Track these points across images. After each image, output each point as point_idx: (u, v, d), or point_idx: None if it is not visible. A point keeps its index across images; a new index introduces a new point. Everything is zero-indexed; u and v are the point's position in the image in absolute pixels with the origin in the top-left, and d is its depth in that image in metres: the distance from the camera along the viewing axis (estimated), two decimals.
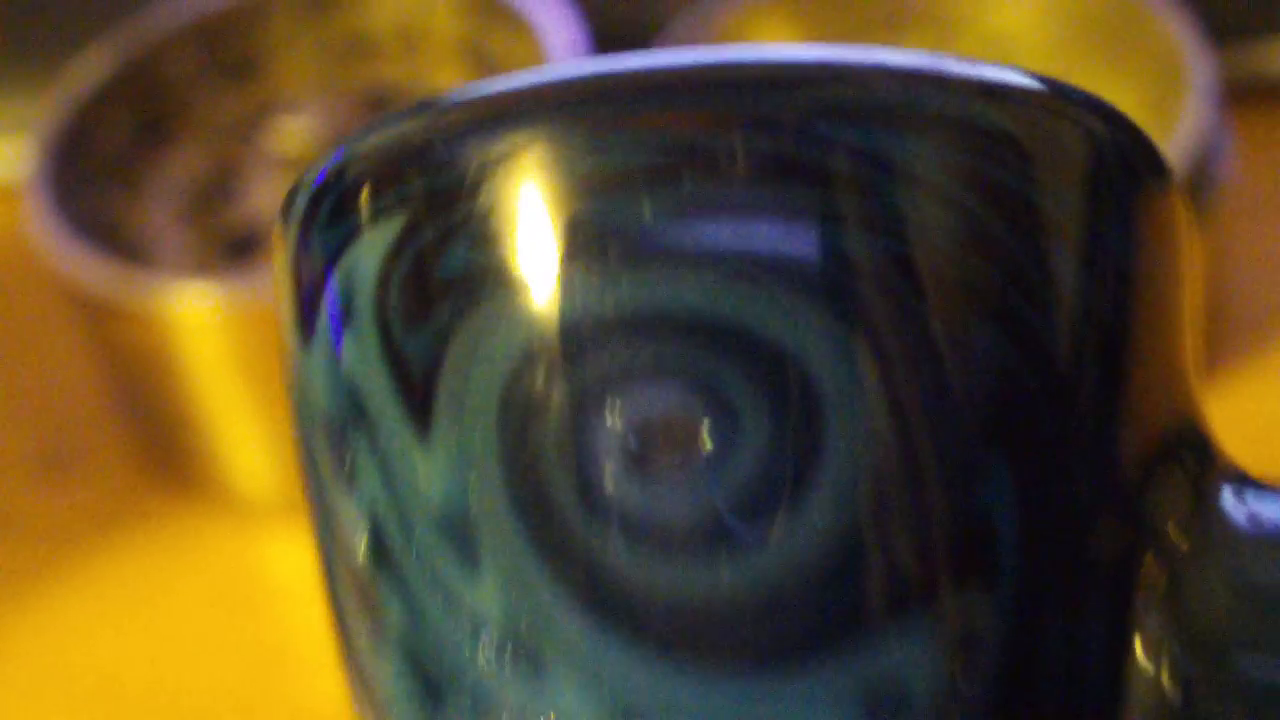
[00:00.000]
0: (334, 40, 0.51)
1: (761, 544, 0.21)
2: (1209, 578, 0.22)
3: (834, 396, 0.21)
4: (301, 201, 0.23)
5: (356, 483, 0.23)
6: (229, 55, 0.51)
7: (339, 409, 0.23)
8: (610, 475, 0.21)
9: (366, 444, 0.22)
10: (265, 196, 0.49)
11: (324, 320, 0.23)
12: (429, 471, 0.22)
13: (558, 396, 0.21)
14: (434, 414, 0.22)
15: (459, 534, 0.22)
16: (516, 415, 0.21)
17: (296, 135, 0.50)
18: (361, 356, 0.22)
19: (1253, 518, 0.23)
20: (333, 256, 0.23)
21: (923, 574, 0.21)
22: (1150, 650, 0.22)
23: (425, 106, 0.23)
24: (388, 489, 0.22)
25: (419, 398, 0.22)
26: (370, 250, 0.22)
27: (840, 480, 0.21)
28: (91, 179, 0.48)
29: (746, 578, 0.21)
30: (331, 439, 0.23)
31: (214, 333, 0.43)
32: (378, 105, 0.51)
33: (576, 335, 0.21)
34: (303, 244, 0.23)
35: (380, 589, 0.23)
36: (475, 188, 0.22)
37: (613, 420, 0.21)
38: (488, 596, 0.22)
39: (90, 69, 0.49)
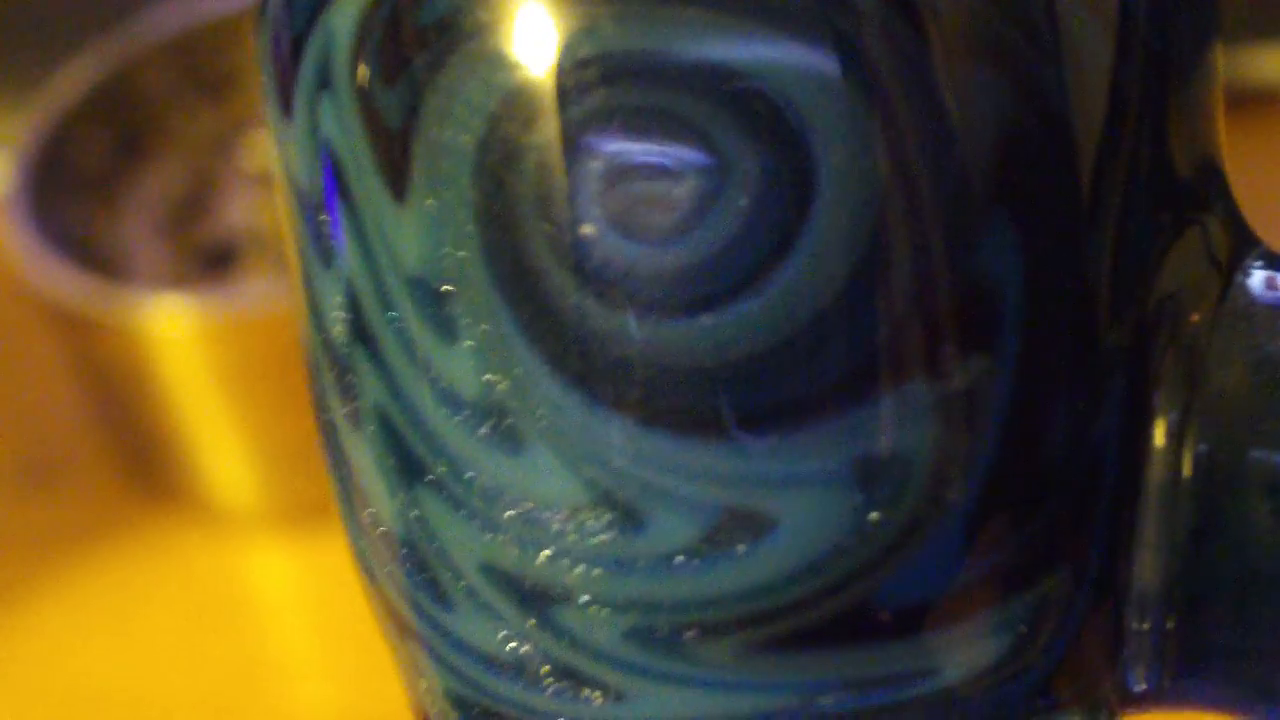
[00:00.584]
0: None
1: (747, 299, 0.20)
2: (1230, 352, 0.21)
3: (826, 142, 0.20)
4: None
5: (335, 257, 0.22)
6: (206, 72, 0.51)
7: (318, 181, 0.22)
8: (590, 228, 0.20)
9: (345, 214, 0.21)
10: (242, 212, 0.49)
11: (302, 88, 0.22)
12: (405, 235, 0.21)
13: (535, 144, 0.20)
14: (410, 173, 0.21)
15: (435, 300, 0.21)
16: (493, 167, 0.20)
17: None
18: (339, 122, 0.21)
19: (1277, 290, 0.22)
20: (309, 19, 0.22)
21: (920, 335, 0.20)
22: (1170, 430, 0.21)
23: None
24: (365, 258, 0.21)
25: (396, 157, 0.21)
26: (346, 6, 0.21)
27: (830, 232, 0.20)
28: (69, 194, 0.48)
29: (731, 335, 0.20)
30: (309, 216, 0.22)
31: (191, 346, 0.43)
32: None
33: (556, 78, 0.20)
34: (282, 11, 0.22)
35: (359, 364, 0.22)
36: None
37: (592, 169, 0.20)
38: (464, 364, 0.21)
39: (68, 86, 0.49)
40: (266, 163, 0.50)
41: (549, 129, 0.20)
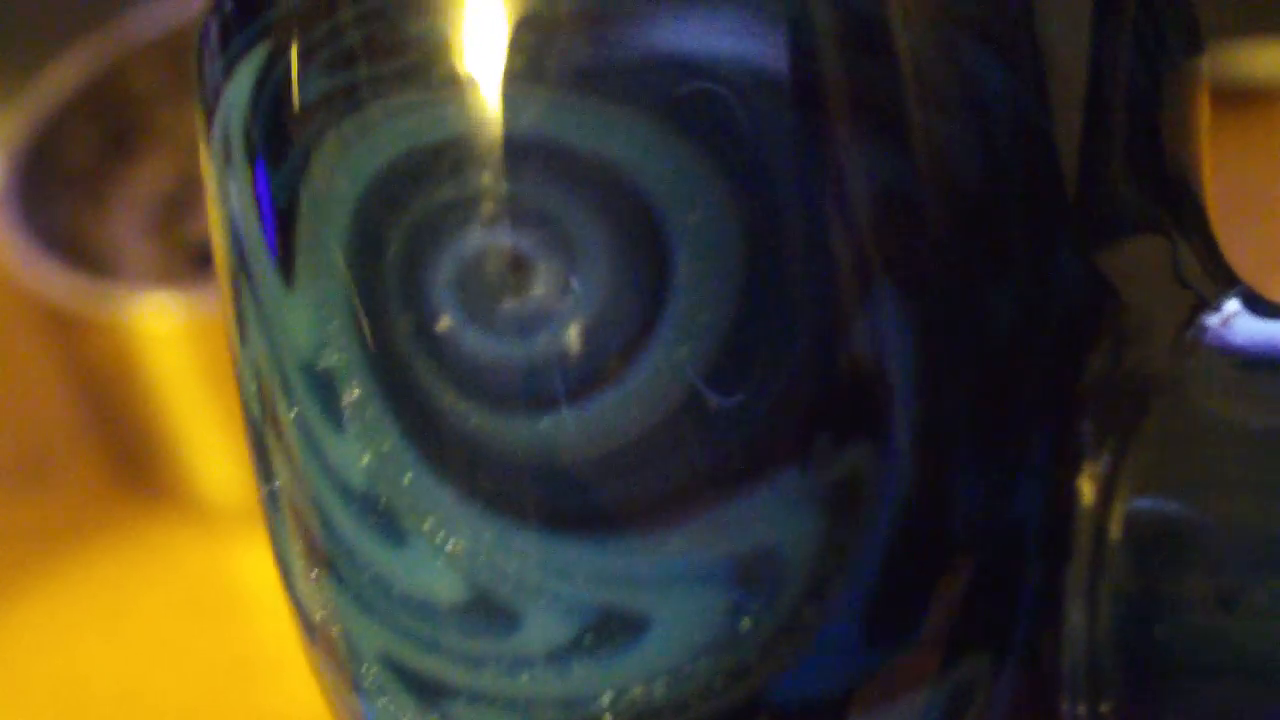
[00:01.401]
0: None
1: (605, 392, 0.19)
2: (1182, 408, 0.20)
3: (680, 226, 0.18)
4: (206, 29, 0.21)
5: (245, 334, 0.21)
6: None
7: (231, 255, 0.21)
8: (447, 320, 0.19)
9: (249, 293, 0.21)
10: None
11: (215, 159, 0.22)
12: (296, 321, 0.20)
13: (395, 235, 0.19)
14: (296, 259, 0.20)
15: (325, 388, 0.20)
16: (361, 257, 0.20)
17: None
18: (240, 200, 0.21)
19: (1258, 339, 0.20)
20: (216, 93, 0.21)
21: (792, 423, 0.19)
22: (1101, 490, 0.19)
23: None
24: (266, 338, 0.21)
25: (284, 242, 0.20)
26: (241, 83, 0.21)
27: (688, 320, 0.18)
28: (58, 191, 0.48)
29: (590, 430, 0.19)
30: (230, 288, 0.21)
31: (180, 343, 0.43)
32: None
33: (409, 166, 0.19)
34: (201, 80, 0.22)
35: (270, 445, 0.21)
36: (333, 4, 0.20)
37: (446, 260, 0.19)
38: (352, 454, 0.20)
39: (57, 83, 0.49)
40: None
41: (406, 218, 0.19)
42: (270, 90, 0.20)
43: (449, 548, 0.20)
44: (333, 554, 0.21)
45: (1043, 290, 0.20)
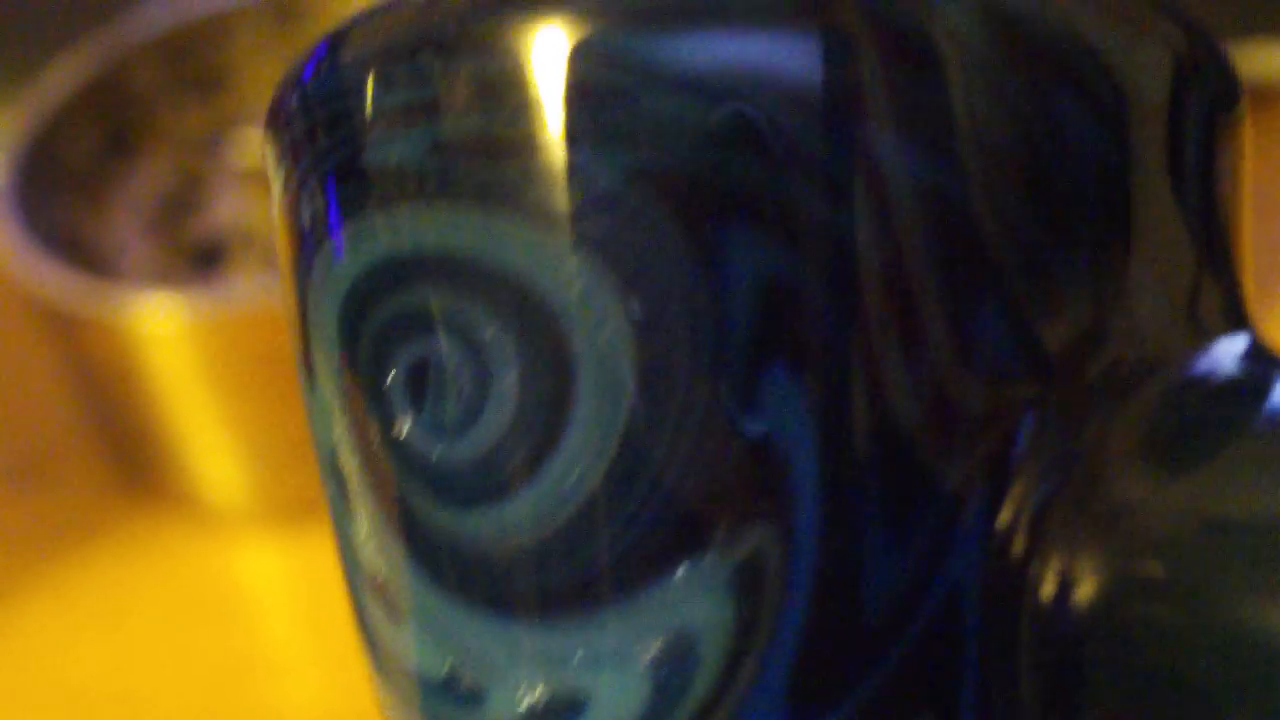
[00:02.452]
0: (298, 53, 0.51)
1: (525, 488, 0.20)
2: (1154, 470, 0.19)
3: (577, 326, 0.20)
4: (284, 101, 0.23)
5: (311, 420, 0.23)
6: (194, 69, 0.51)
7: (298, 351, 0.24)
8: (401, 421, 0.21)
9: (306, 383, 0.23)
10: (230, 209, 0.49)
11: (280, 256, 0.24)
12: (316, 418, 0.22)
13: (365, 342, 0.21)
14: (314, 368, 0.22)
15: (340, 480, 0.22)
16: (346, 361, 0.22)
17: (261, 148, 0.50)
18: (286, 306, 0.23)
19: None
20: (272, 193, 0.23)
21: (692, 513, 0.20)
22: (1051, 561, 0.19)
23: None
24: (310, 425, 0.23)
25: (303, 349, 0.22)
26: (277, 199, 0.23)
27: (592, 419, 0.20)
28: (58, 192, 0.48)
29: (515, 523, 0.20)
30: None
31: (180, 344, 0.43)
32: None
33: (368, 285, 0.21)
34: (273, 171, 0.24)
35: (331, 515, 0.23)
36: (324, 125, 0.22)
37: (394, 367, 0.21)
38: (361, 535, 0.22)
39: (57, 83, 0.49)
40: (255, 160, 0.50)
41: (367, 330, 0.21)
42: (289, 213, 0.22)
43: (427, 630, 0.21)
44: (362, 625, 0.23)
45: (957, 361, 0.20)
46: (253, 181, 0.50)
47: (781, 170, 0.19)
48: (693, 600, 0.20)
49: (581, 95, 0.20)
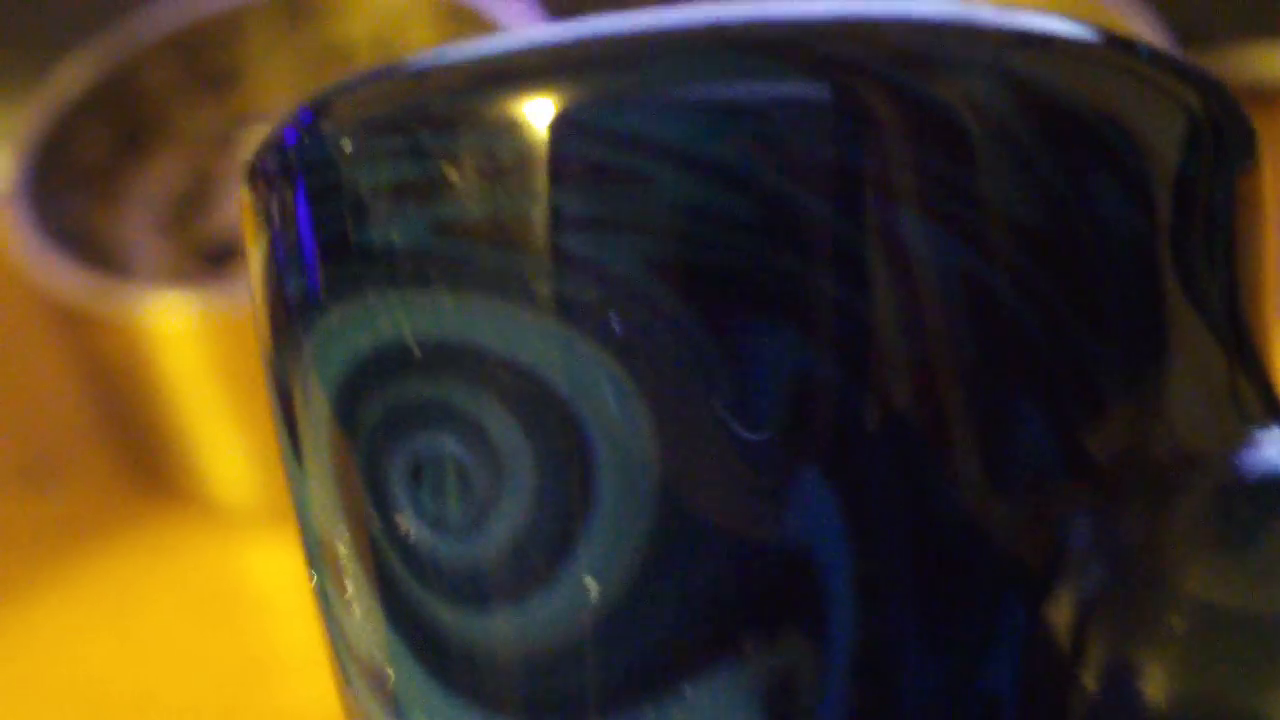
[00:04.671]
0: (311, 51, 0.51)
1: (540, 592, 0.19)
2: (1213, 569, 0.19)
3: (598, 424, 0.19)
4: (265, 164, 0.22)
5: (290, 486, 0.22)
6: (207, 66, 0.51)
7: (274, 415, 0.22)
8: (403, 517, 0.20)
9: (284, 452, 0.22)
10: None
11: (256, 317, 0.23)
12: (306, 501, 0.21)
13: (363, 431, 0.20)
14: (300, 446, 0.21)
15: (331, 564, 0.21)
16: (335, 452, 0.20)
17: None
18: (268, 380, 0.22)
19: None
20: (259, 265, 0.22)
21: (719, 623, 0.19)
22: (1103, 671, 0.19)
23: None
24: (295, 504, 0.22)
25: (291, 428, 0.21)
26: (253, 268, 0.22)
27: (614, 522, 0.19)
28: (70, 190, 0.48)
29: (530, 628, 0.19)
30: (277, 439, 0.23)
31: (192, 342, 0.43)
32: None
33: (363, 374, 0.20)
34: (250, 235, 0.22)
35: (317, 602, 0.22)
36: (310, 196, 0.20)
37: (394, 464, 0.20)
38: (360, 633, 0.21)
39: (69, 81, 0.49)
40: None
41: (366, 419, 0.20)
42: (270, 279, 0.21)
43: None
44: (355, 716, 0.21)
45: (995, 459, 0.19)
46: None
47: (806, 258, 0.18)
48: (721, 712, 0.19)
49: (594, 179, 0.19)
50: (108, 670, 0.44)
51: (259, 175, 0.21)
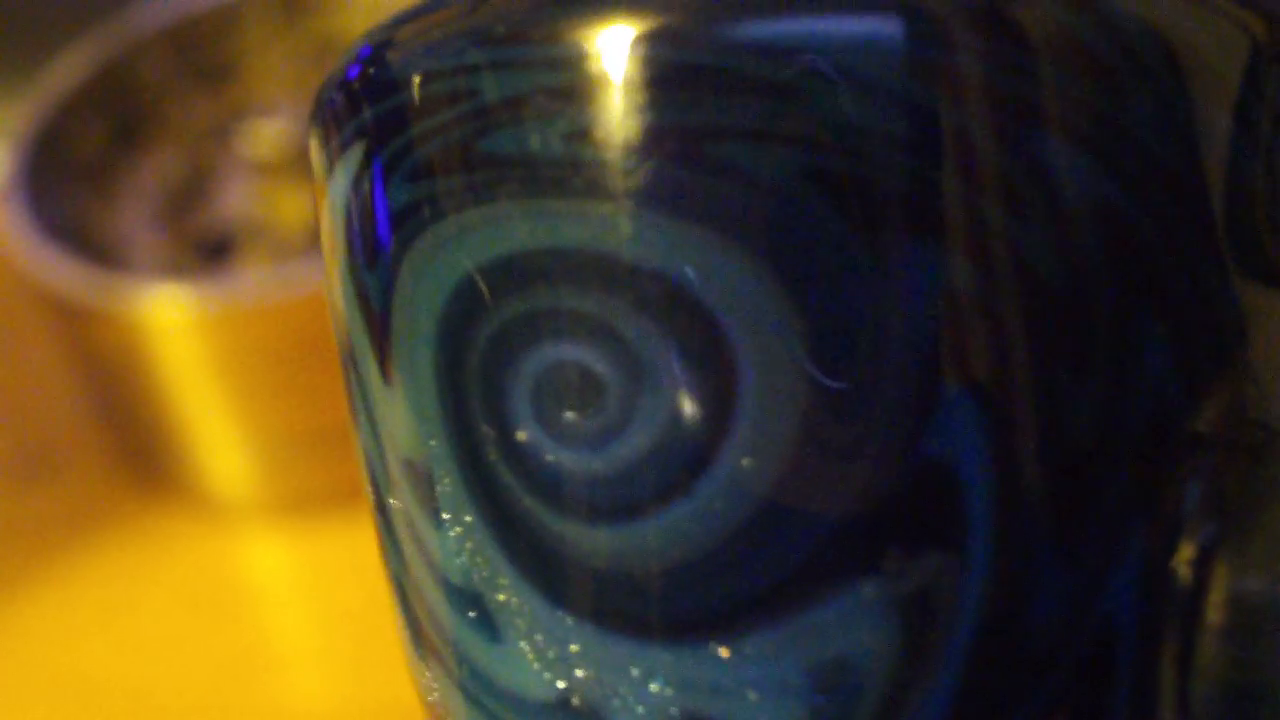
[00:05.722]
0: (306, 45, 0.51)
1: (677, 504, 0.19)
2: None
3: (745, 336, 0.18)
4: (332, 101, 0.22)
5: (357, 420, 0.22)
6: (203, 60, 0.51)
7: (344, 344, 0.22)
8: (523, 433, 0.20)
9: (357, 383, 0.21)
10: (239, 200, 0.49)
11: (326, 248, 0.22)
12: (395, 417, 0.21)
13: (474, 344, 0.20)
14: (391, 357, 0.21)
15: (425, 484, 0.21)
16: (446, 364, 0.20)
17: (270, 139, 0.50)
18: (345, 295, 0.21)
19: None
20: (323, 189, 0.22)
21: (864, 534, 0.19)
22: (1195, 578, 0.19)
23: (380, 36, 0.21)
24: (371, 432, 0.21)
25: (381, 341, 0.21)
26: (340, 182, 0.21)
27: (757, 431, 0.19)
28: (66, 183, 0.48)
29: (664, 541, 0.19)
30: (344, 372, 0.22)
31: (188, 335, 0.43)
32: None
33: (496, 274, 0.20)
34: (325, 147, 0.22)
35: (380, 527, 0.22)
36: (414, 112, 0.20)
37: (520, 374, 0.19)
38: (451, 550, 0.20)
39: (65, 74, 0.49)
40: (264, 151, 0.50)
41: (484, 331, 0.20)
42: (362, 195, 0.21)
43: (538, 648, 0.20)
44: (439, 643, 0.21)
45: (1127, 388, 0.19)
46: (261, 172, 0.50)
47: (961, 177, 0.18)
48: (857, 629, 0.19)
49: (752, 90, 0.18)
50: (102, 663, 0.44)
51: (355, 85, 0.21)
